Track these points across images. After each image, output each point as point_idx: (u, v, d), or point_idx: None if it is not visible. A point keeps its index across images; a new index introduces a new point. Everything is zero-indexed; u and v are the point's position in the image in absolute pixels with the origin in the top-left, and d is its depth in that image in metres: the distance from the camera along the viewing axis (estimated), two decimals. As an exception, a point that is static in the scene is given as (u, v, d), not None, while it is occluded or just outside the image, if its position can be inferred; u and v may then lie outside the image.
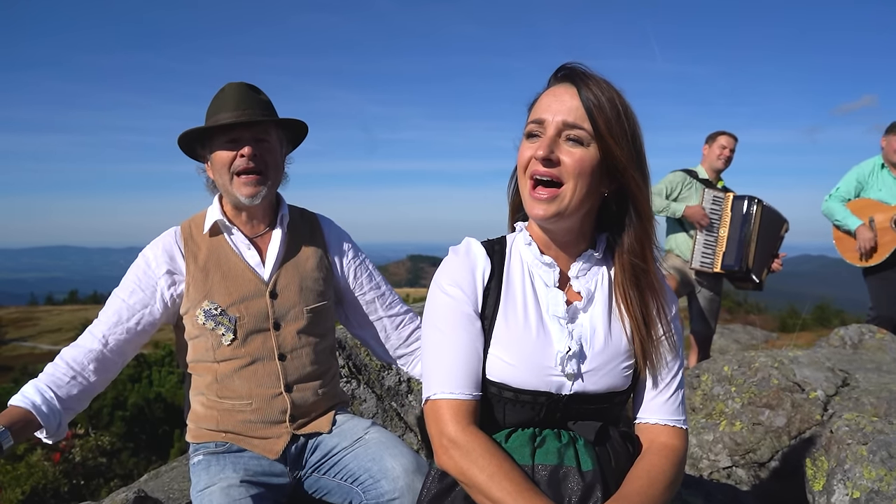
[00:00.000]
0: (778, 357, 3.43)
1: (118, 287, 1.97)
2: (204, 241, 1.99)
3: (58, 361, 1.86)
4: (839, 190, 5.24)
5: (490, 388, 1.42)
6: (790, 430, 2.96)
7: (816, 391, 3.09)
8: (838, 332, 4.55)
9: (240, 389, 1.93)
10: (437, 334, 1.43)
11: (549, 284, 1.45)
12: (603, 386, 1.41)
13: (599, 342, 1.42)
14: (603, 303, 1.46)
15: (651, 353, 1.44)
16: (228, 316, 1.92)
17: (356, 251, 2.20)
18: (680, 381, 1.48)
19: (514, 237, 1.54)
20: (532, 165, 1.37)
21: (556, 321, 1.42)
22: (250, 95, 1.95)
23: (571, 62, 1.40)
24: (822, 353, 3.72)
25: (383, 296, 2.19)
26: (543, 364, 1.39)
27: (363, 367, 3.01)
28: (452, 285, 1.45)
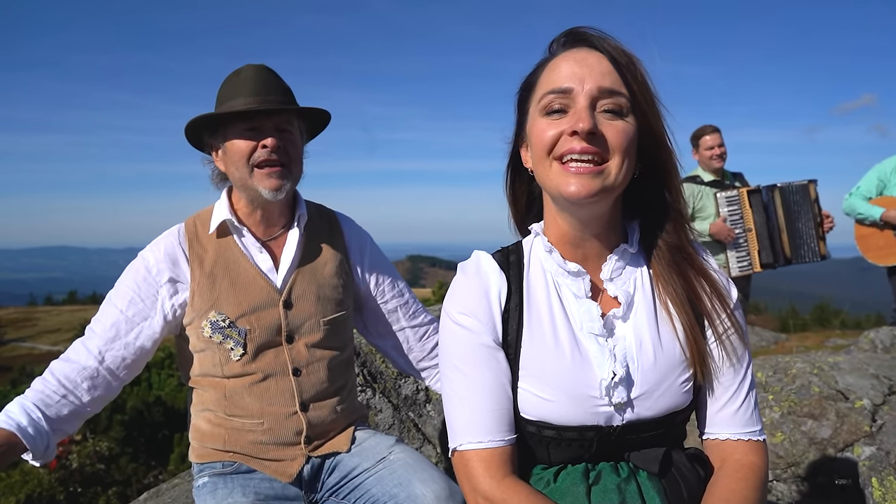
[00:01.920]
0: (817, 363, 3.23)
1: (114, 292, 1.75)
2: (211, 243, 1.78)
3: (48, 377, 1.65)
4: (860, 188, 5.11)
5: (527, 426, 1.20)
6: (836, 441, 2.76)
7: (862, 400, 2.89)
8: (868, 336, 4.37)
9: (250, 407, 1.72)
10: (455, 375, 1.22)
11: (580, 295, 1.23)
12: (660, 409, 1.19)
13: (648, 357, 1.19)
14: (646, 306, 1.23)
15: (712, 355, 1.22)
16: (238, 328, 1.71)
17: (378, 255, 1.98)
18: (750, 384, 1.26)
19: (531, 242, 1.31)
20: (564, 143, 1.13)
21: (594, 339, 1.19)
22: (272, 80, 1.74)
23: (578, 26, 1.18)
24: (859, 357, 3.52)
25: (406, 304, 1.97)
26: (585, 395, 1.16)
27: (378, 375, 2.80)
28: (465, 314, 1.22)
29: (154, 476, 6.63)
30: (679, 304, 1.21)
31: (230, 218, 1.76)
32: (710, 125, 5.06)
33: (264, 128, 1.70)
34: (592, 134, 1.10)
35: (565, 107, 1.13)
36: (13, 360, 34.87)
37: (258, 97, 1.68)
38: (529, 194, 1.36)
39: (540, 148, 1.16)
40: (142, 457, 8.00)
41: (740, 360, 1.24)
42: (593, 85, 1.11)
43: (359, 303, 1.96)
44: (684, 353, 1.20)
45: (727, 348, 1.23)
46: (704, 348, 1.21)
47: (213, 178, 1.84)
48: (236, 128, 1.70)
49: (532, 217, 1.36)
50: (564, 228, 1.23)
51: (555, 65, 1.16)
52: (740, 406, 1.24)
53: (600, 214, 1.20)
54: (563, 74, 1.14)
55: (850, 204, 5.07)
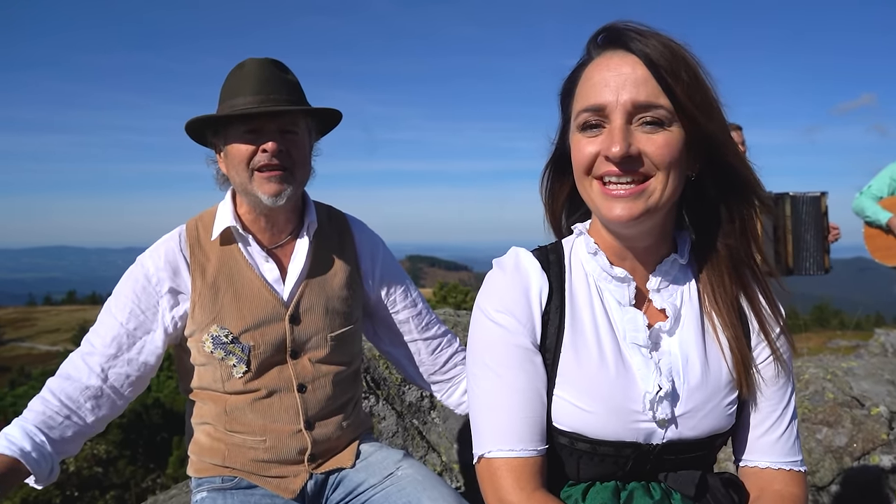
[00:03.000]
0: (830, 368, 3.16)
1: (113, 302, 1.63)
2: (213, 250, 1.66)
3: (48, 397, 1.53)
4: (871, 188, 5.05)
5: (559, 437, 1.13)
6: (853, 450, 2.69)
7: (878, 407, 2.82)
8: (879, 339, 4.30)
9: (252, 424, 1.63)
10: (487, 375, 1.13)
11: (624, 303, 1.15)
12: (704, 430, 1.12)
13: (695, 374, 1.12)
14: (694, 321, 1.16)
15: (758, 379, 1.15)
16: (241, 344, 1.61)
17: (391, 262, 1.87)
18: (793, 412, 1.19)
19: (573, 243, 1.23)
20: (601, 166, 1.06)
21: (638, 351, 1.12)
22: (276, 76, 1.61)
23: (617, 21, 1.08)
24: (872, 362, 3.44)
25: (419, 315, 1.86)
26: (628, 408, 1.09)
27: (382, 382, 2.73)
28: (502, 312, 1.14)
29: (152, 480, 6.55)
30: (729, 320, 1.14)
31: (234, 225, 1.64)
32: (732, 123, 4.97)
33: (266, 130, 1.58)
34: (629, 156, 1.02)
35: (602, 122, 1.06)
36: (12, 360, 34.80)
37: (260, 96, 1.57)
38: (571, 194, 1.26)
39: (578, 167, 1.09)
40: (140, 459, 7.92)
41: (785, 384, 1.18)
42: (627, 98, 1.02)
43: (368, 311, 1.86)
44: (731, 374, 1.13)
45: (774, 371, 1.16)
46: (751, 367, 1.14)
47: (217, 179, 1.72)
48: (236, 130, 1.59)
49: (580, 215, 1.28)
50: (610, 240, 1.16)
51: (590, 73, 1.08)
52: (783, 433, 1.16)
53: (649, 229, 1.12)
54: (597, 88, 1.05)
55: (860, 204, 5.01)
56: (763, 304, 1.17)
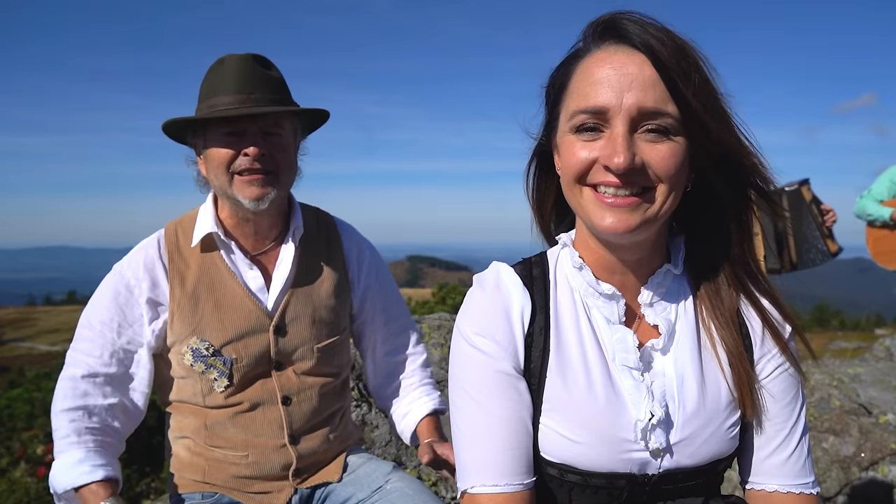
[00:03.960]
0: (835, 374, 3.08)
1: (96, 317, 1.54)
2: (194, 257, 1.58)
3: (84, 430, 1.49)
4: (872, 191, 5.01)
5: (547, 468, 1.04)
6: (860, 459, 2.61)
7: (887, 415, 2.74)
8: (884, 343, 4.22)
9: (234, 438, 1.55)
10: (468, 405, 1.05)
11: (613, 321, 1.06)
12: (703, 457, 1.03)
13: (692, 397, 1.03)
14: (689, 337, 1.06)
15: (763, 395, 1.05)
16: (222, 357, 1.53)
17: (377, 273, 1.78)
18: (803, 429, 1.09)
19: (557, 256, 1.13)
20: (598, 174, 0.96)
21: (628, 373, 1.03)
22: (258, 73, 1.52)
23: (618, 11, 0.98)
24: (879, 368, 3.37)
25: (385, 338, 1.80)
26: (618, 437, 1.00)
27: (375, 389, 2.65)
28: (482, 335, 1.05)
29: (147, 484, 6.47)
30: (727, 330, 1.05)
31: (216, 231, 1.56)
32: None
33: (248, 132, 1.49)
34: (632, 168, 0.93)
35: (600, 125, 0.96)
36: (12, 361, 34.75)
37: (241, 95, 1.47)
38: (558, 197, 1.16)
39: (570, 172, 0.99)
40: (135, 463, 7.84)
41: (794, 399, 1.07)
42: (633, 103, 0.92)
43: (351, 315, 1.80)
44: (731, 394, 1.04)
45: (781, 386, 1.06)
46: (755, 384, 1.04)
47: (198, 181, 1.64)
48: (215, 132, 1.50)
49: (565, 225, 1.19)
50: (599, 252, 1.06)
51: (588, 69, 0.97)
52: (792, 453, 1.07)
53: (642, 241, 1.03)
54: (597, 87, 0.94)
55: (861, 206, 4.97)
56: (770, 311, 1.07)
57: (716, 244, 1.07)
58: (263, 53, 1.56)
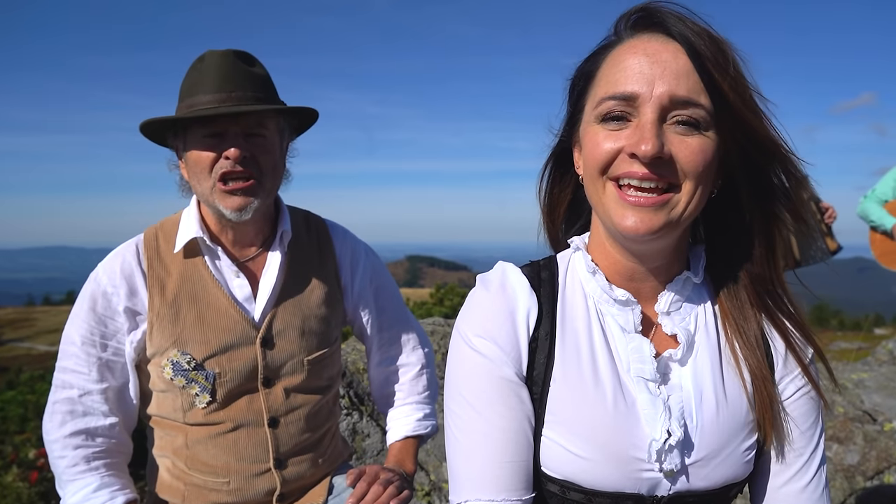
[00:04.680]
0: (839, 379, 3.01)
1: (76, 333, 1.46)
2: (175, 264, 1.49)
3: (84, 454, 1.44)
4: (876, 191, 4.93)
5: (548, 484, 0.97)
6: (865, 469, 2.54)
7: (892, 422, 2.67)
8: (887, 346, 4.15)
9: (215, 462, 1.46)
10: (465, 411, 0.98)
11: (628, 329, 0.99)
12: (717, 480, 0.96)
13: (710, 415, 0.96)
14: (709, 349, 0.99)
15: (780, 417, 0.98)
16: (205, 371, 1.44)
17: (373, 277, 1.69)
18: (822, 457, 1.03)
19: (569, 259, 1.07)
20: (622, 164, 0.90)
21: (644, 386, 0.96)
22: (240, 70, 1.43)
23: (653, 1, 0.92)
24: (883, 373, 3.30)
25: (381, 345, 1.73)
26: (630, 456, 0.93)
27: (366, 397, 2.58)
28: (484, 338, 0.98)
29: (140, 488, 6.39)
30: (750, 350, 0.98)
31: (201, 236, 1.47)
32: None
33: (229, 133, 1.40)
34: (659, 157, 0.87)
35: (627, 115, 0.90)
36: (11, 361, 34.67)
37: (221, 94, 1.39)
38: (573, 201, 1.10)
39: (593, 164, 0.92)
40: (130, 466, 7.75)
41: (814, 424, 1.01)
42: (664, 91, 0.87)
43: (346, 320, 1.71)
44: (751, 412, 0.97)
45: (802, 409, 1.00)
46: (777, 405, 0.98)
47: (180, 185, 1.54)
48: (195, 133, 1.41)
49: (579, 228, 1.12)
50: (615, 256, 0.99)
51: (619, 56, 0.92)
52: (810, 481, 1.00)
53: (662, 247, 0.97)
54: (627, 73, 0.89)
55: (864, 208, 4.90)
56: (792, 332, 1.00)
57: (737, 260, 1.00)
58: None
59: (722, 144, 0.91)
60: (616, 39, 0.95)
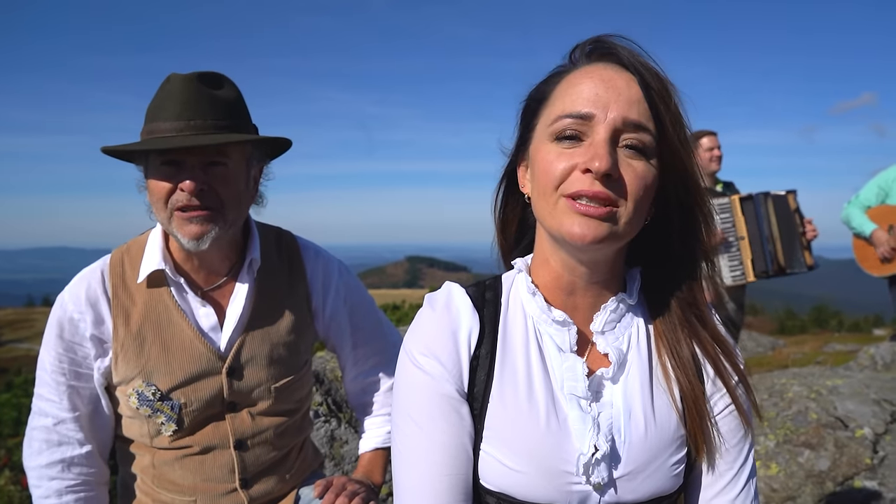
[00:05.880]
0: (814, 386, 3.06)
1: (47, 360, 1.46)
2: (140, 293, 1.47)
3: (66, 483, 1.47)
4: (859, 197, 4.99)
5: (486, 497, 1.02)
6: (835, 475, 2.58)
7: (863, 428, 2.71)
8: (868, 352, 4.20)
9: (181, 482, 1.48)
10: (408, 427, 1.03)
11: (564, 348, 1.04)
12: (645, 493, 1.01)
13: (638, 430, 1.01)
14: (640, 367, 1.05)
15: (711, 432, 1.03)
16: (171, 402, 1.44)
17: (347, 296, 1.68)
18: (752, 469, 1.08)
19: (513, 280, 1.12)
20: (575, 181, 0.94)
21: (576, 403, 1.01)
22: (203, 95, 1.38)
23: (609, 34, 0.99)
24: (858, 379, 3.34)
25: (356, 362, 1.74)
26: (559, 469, 0.98)
27: (344, 404, 2.62)
28: (427, 356, 1.03)
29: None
30: (681, 368, 1.03)
31: (164, 268, 1.45)
32: (708, 129, 4.92)
33: (185, 164, 1.36)
34: (609, 175, 0.92)
35: (581, 134, 0.95)
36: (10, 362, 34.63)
37: (180, 122, 1.35)
38: (522, 220, 1.16)
39: (546, 180, 0.97)
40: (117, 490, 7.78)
41: (742, 440, 1.06)
42: (618, 114, 0.93)
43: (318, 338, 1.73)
44: (680, 428, 1.02)
45: (730, 426, 1.05)
46: (707, 422, 1.03)
47: (148, 209, 1.48)
48: (154, 160, 1.38)
49: (522, 248, 1.17)
50: (557, 271, 1.04)
51: (575, 80, 0.98)
52: (739, 494, 1.05)
53: (603, 261, 1.02)
54: (584, 96, 0.95)
55: (847, 214, 4.96)
56: (718, 352, 1.06)
57: (669, 285, 1.06)
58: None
59: (660, 175, 0.97)
60: (571, 66, 1.02)
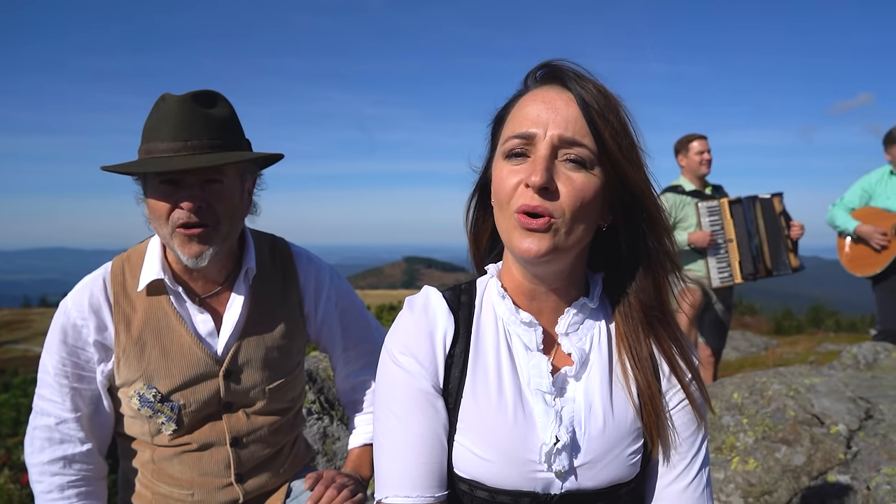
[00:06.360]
0: (793, 384, 3.15)
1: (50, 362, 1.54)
2: (140, 300, 1.55)
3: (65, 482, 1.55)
4: (844, 199, 5.11)
5: (459, 484, 1.12)
6: (810, 469, 2.68)
7: (838, 425, 2.81)
8: (851, 351, 4.28)
9: (180, 476, 1.58)
10: (388, 419, 1.13)
11: (531, 348, 1.14)
12: (604, 480, 1.10)
13: (597, 423, 1.10)
14: (601, 367, 1.14)
15: (667, 426, 1.13)
16: (171, 403, 1.53)
17: (338, 300, 1.77)
18: (704, 459, 1.17)
19: (486, 284, 1.22)
20: (520, 196, 1.04)
21: (541, 398, 1.10)
22: (197, 115, 1.44)
23: (557, 59, 1.10)
24: (838, 377, 3.44)
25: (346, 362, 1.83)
26: (524, 458, 1.08)
27: (336, 402, 2.71)
28: (406, 354, 1.13)
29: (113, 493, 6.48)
30: (639, 367, 1.12)
31: (163, 277, 1.53)
32: (698, 133, 5.02)
33: (184, 182, 1.44)
34: (546, 188, 1.02)
35: (527, 151, 1.05)
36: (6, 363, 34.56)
37: (176, 142, 1.42)
38: (494, 229, 1.23)
39: (500, 196, 1.08)
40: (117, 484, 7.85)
41: (695, 433, 1.16)
42: (555, 133, 1.03)
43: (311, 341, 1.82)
44: (637, 421, 1.12)
45: (683, 419, 1.15)
46: (663, 416, 1.12)
47: (146, 221, 1.56)
48: (153, 180, 1.45)
49: (495, 255, 1.26)
50: (519, 279, 1.14)
51: (524, 103, 1.09)
52: (691, 482, 1.14)
53: (558, 271, 1.11)
54: (529, 117, 1.06)
55: (831, 215, 5.07)
56: (675, 351, 1.15)
57: (630, 289, 1.15)
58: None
59: (607, 184, 1.06)
60: (525, 89, 1.12)
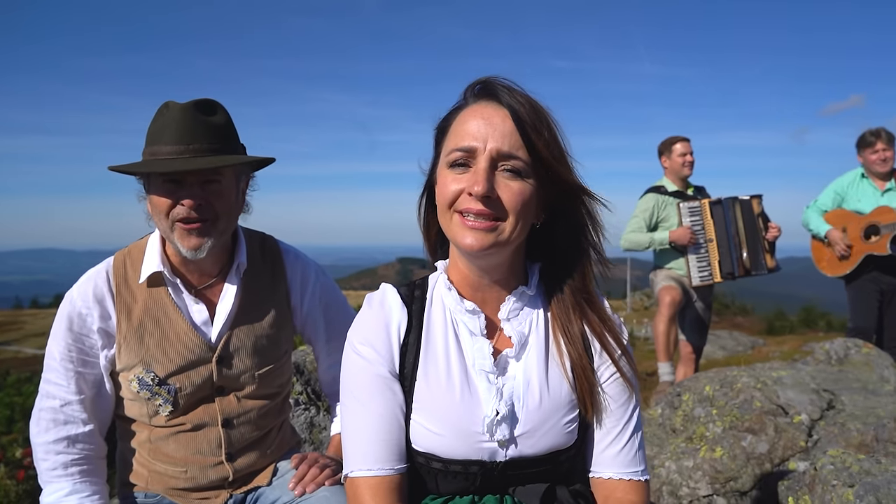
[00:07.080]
0: (761, 377, 3.29)
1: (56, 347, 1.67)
2: (141, 291, 1.70)
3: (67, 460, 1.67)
4: (817, 202, 5.29)
5: (417, 457, 1.26)
6: (773, 457, 2.82)
7: (801, 415, 2.95)
8: (823, 347, 4.43)
9: (174, 454, 1.71)
10: (351, 403, 1.27)
11: (475, 333, 1.28)
12: (543, 448, 1.25)
13: (534, 398, 1.25)
14: (538, 347, 1.29)
15: (599, 396, 1.28)
16: (168, 386, 1.67)
17: (322, 295, 1.91)
18: (636, 424, 1.32)
19: (436, 279, 1.37)
20: (464, 201, 1.19)
21: (484, 377, 1.25)
22: (198, 122, 1.59)
23: (492, 76, 1.24)
24: (806, 371, 3.59)
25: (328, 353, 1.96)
26: (471, 430, 1.22)
27: (323, 394, 2.84)
28: (364, 344, 1.28)
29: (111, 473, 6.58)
30: (572, 345, 1.27)
31: (162, 270, 1.68)
32: (681, 136, 5.15)
33: (185, 182, 1.59)
34: (488, 196, 1.16)
35: (469, 162, 1.19)
36: (-2, 364, 34.29)
37: (180, 145, 1.56)
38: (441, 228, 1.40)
39: (443, 200, 1.23)
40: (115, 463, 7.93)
41: (627, 402, 1.30)
42: (494, 146, 1.17)
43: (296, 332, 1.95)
44: (571, 394, 1.26)
45: (615, 390, 1.29)
46: (595, 388, 1.27)
47: (147, 218, 1.73)
48: (156, 179, 1.60)
49: (445, 250, 1.41)
50: (464, 272, 1.30)
51: (464, 117, 1.22)
52: (624, 446, 1.29)
53: (498, 263, 1.27)
54: (468, 131, 1.20)
55: (806, 217, 5.24)
56: (604, 329, 1.30)
57: (562, 276, 1.31)
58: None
59: (541, 188, 1.21)
60: (464, 103, 1.26)
